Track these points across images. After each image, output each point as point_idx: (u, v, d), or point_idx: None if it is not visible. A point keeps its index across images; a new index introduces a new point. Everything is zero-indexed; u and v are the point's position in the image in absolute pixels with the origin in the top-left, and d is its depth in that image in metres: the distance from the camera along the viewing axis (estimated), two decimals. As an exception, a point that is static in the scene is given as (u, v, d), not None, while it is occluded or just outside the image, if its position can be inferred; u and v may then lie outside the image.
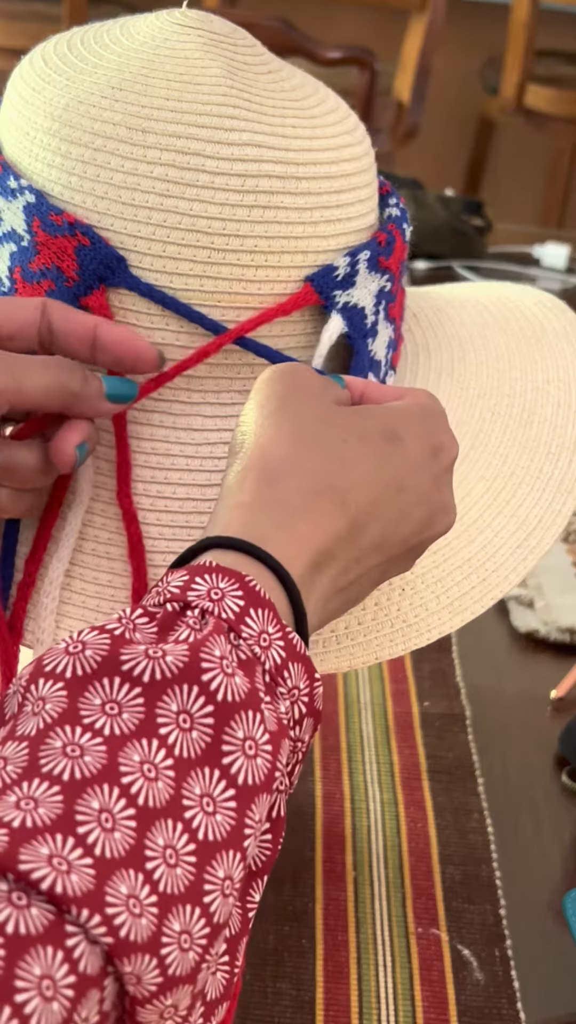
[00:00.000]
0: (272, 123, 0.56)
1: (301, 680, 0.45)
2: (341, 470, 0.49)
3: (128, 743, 0.40)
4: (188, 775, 0.40)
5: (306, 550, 0.48)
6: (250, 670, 0.43)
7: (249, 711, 0.42)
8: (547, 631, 0.98)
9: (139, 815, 0.39)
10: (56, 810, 0.38)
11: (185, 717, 0.41)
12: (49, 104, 0.56)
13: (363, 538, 0.50)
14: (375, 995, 0.69)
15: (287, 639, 0.45)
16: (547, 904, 0.76)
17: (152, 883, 0.38)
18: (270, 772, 0.42)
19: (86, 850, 0.37)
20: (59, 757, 0.39)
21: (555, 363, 0.68)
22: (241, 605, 0.44)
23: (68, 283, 0.55)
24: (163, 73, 0.56)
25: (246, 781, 0.41)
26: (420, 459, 0.52)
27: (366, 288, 0.58)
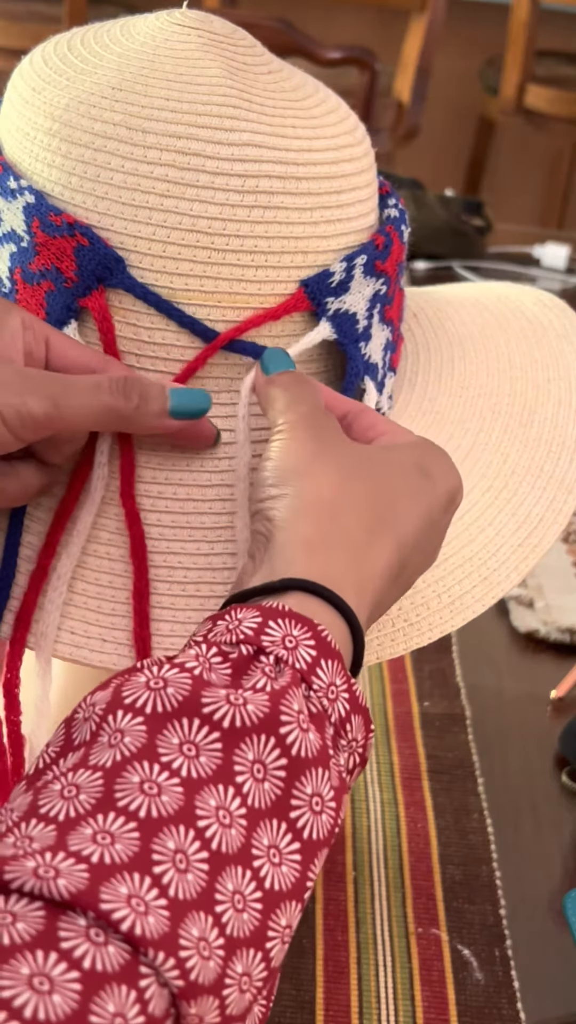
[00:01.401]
0: (272, 123, 0.56)
1: (360, 732, 0.46)
2: (389, 504, 0.50)
3: (205, 787, 0.40)
4: (258, 825, 0.41)
5: (368, 594, 0.48)
6: (320, 725, 0.44)
7: (319, 768, 0.43)
8: (547, 631, 0.98)
9: (212, 859, 0.39)
10: (133, 848, 0.38)
11: (259, 767, 0.42)
12: (49, 104, 0.56)
13: (404, 574, 0.51)
14: (375, 995, 0.69)
15: (351, 691, 0.45)
16: (547, 904, 0.76)
17: (220, 926, 0.39)
18: (331, 828, 0.43)
19: (161, 891, 0.38)
20: (136, 793, 0.39)
21: (556, 362, 0.68)
22: (313, 656, 0.44)
23: (67, 284, 0.55)
24: (163, 73, 0.56)
25: (311, 836, 0.42)
26: (444, 497, 0.52)
27: (360, 293, 0.58)
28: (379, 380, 0.60)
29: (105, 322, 0.55)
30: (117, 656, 0.56)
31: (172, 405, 0.53)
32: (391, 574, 0.49)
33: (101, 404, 0.51)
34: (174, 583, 0.57)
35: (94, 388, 0.51)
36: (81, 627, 0.56)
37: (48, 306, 0.56)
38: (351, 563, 0.48)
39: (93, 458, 0.56)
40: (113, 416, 0.52)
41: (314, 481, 0.49)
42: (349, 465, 0.50)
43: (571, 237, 1.75)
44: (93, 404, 0.51)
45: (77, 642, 0.56)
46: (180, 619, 0.56)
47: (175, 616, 0.56)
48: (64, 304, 0.55)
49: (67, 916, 0.37)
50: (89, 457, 0.56)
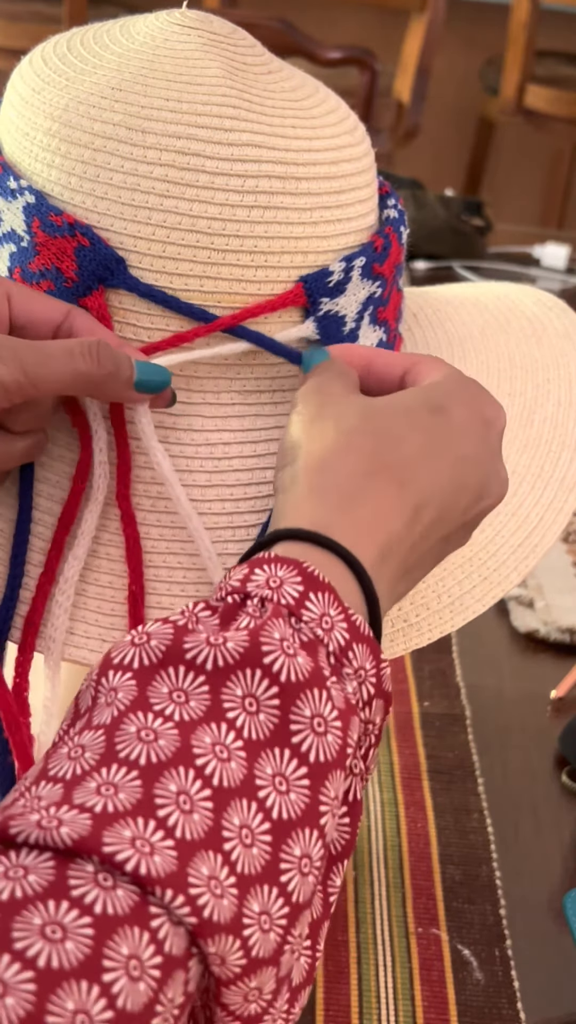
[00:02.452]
0: (272, 123, 0.56)
1: (367, 661, 0.45)
2: (392, 448, 0.49)
3: (199, 727, 0.40)
4: (259, 756, 0.41)
5: (372, 533, 0.48)
6: (313, 651, 0.43)
7: (315, 689, 0.42)
8: (547, 631, 0.98)
9: (215, 796, 0.39)
10: (136, 794, 0.38)
11: (251, 700, 0.42)
12: (49, 104, 0.56)
13: (425, 514, 0.49)
14: (375, 995, 0.69)
15: (350, 621, 0.45)
16: (547, 904, 0.76)
17: (230, 864, 0.39)
18: (341, 748, 0.42)
19: (167, 832, 0.38)
20: (135, 742, 0.40)
21: (555, 362, 0.68)
22: (300, 591, 0.44)
23: (67, 284, 0.55)
24: (163, 73, 0.56)
25: (317, 758, 0.42)
26: (469, 427, 0.51)
27: (354, 296, 0.58)
28: None
29: (104, 321, 0.55)
30: None
31: (136, 377, 0.53)
32: (402, 517, 0.48)
33: (74, 370, 0.51)
34: (174, 583, 0.57)
35: (67, 355, 0.51)
36: (82, 628, 0.56)
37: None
38: (343, 509, 0.47)
39: (92, 457, 0.56)
40: (84, 381, 0.51)
41: (309, 445, 0.49)
42: (348, 421, 0.50)
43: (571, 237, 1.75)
44: (66, 371, 0.50)
45: (78, 643, 0.56)
46: None
47: None
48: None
49: (75, 864, 0.37)
50: (87, 457, 0.56)
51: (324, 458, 0.49)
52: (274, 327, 0.57)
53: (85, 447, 0.56)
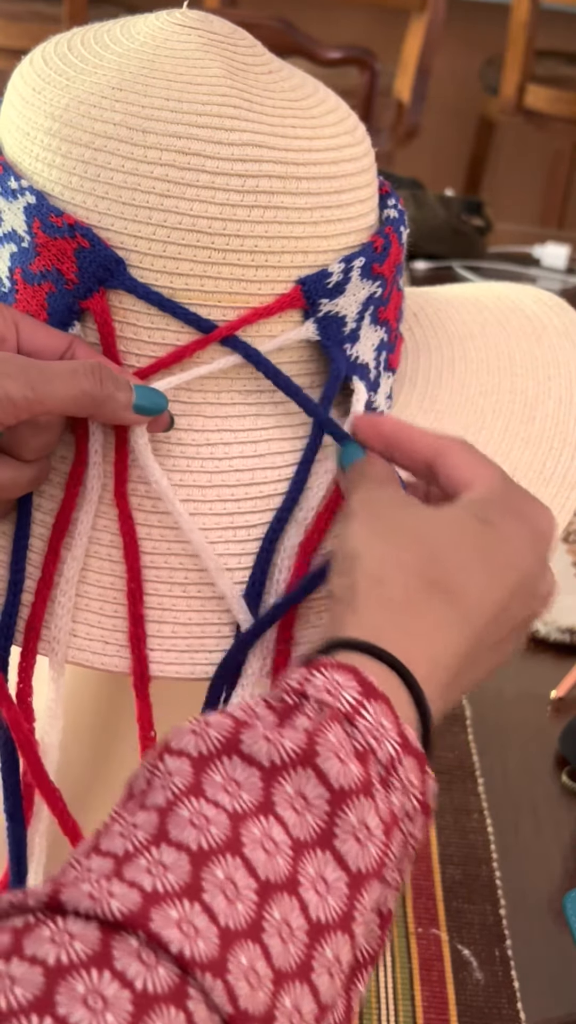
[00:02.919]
0: (272, 123, 0.56)
1: (414, 775, 0.45)
2: (443, 563, 0.50)
3: (250, 819, 0.41)
4: (303, 855, 0.41)
5: (426, 650, 0.48)
6: (364, 760, 0.44)
7: (362, 798, 0.43)
8: (547, 631, 0.98)
9: (260, 889, 0.40)
10: (185, 877, 0.39)
11: (301, 799, 0.42)
12: (49, 104, 0.56)
13: (477, 624, 0.50)
14: (375, 995, 0.69)
15: (402, 733, 0.45)
16: (547, 904, 0.76)
17: (268, 957, 0.39)
18: (380, 859, 0.43)
19: (211, 918, 0.38)
20: (186, 827, 0.40)
21: (555, 359, 0.68)
22: (357, 698, 0.45)
23: (68, 286, 0.55)
24: (163, 73, 0.56)
25: (358, 867, 0.42)
26: (518, 537, 0.52)
27: (354, 296, 0.58)
28: (371, 380, 0.60)
29: (106, 325, 0.55)
30: (118, 658, 0.56)
31: (136, 401, 0.54)
32: (451, 627, 0.49)
33: (79, 389, 0.52)
34: (175, 584, 0.57)
35: (71, 373, 0.52)
36: (85, 630, 0.56)
37: (50, 307, 0.56)
38: (397, 623, 0.48)
39: (87, 458, 0.56)
40: (88, 401, 0.52)
41: (364, 557, 0.50)
42: (399, 536, 0.51)
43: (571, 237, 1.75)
44: (71, 389, 0.52)
45: (81, 645, 0.56)
46: (181, 620, 0.56)
47: (176, 618, 0.56)
48: (66, 306, 0.55)
49: (119, 936, 0.37)
50: (83, 457, 0.56)
51: (379, 574, 0.49)
52: (274, 328, 0.57)
53: (81, 449, 0.56)
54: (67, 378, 0.52)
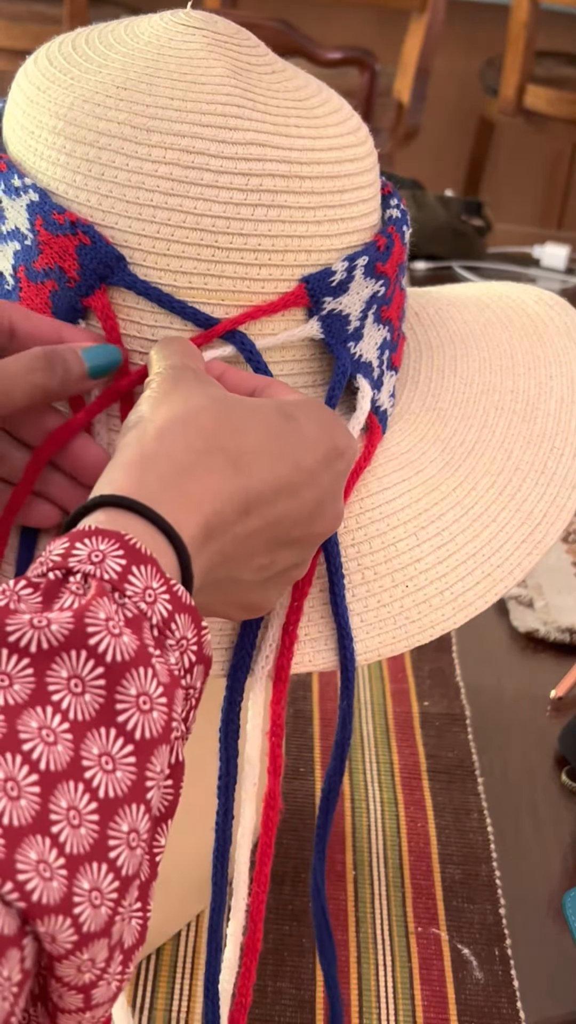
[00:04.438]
0: (276, 123, 0.56)
1: (189, 630, 0.45)
2: (233, 433, 0.49)
3: (24, 711, 0.40)
4: (85, 736, 0.41)
5: (196, 509, 0.48)
6: (137, 627, 0.43)
7: (140, 668, 0.42)
8: (547, 631, 0.98)
9: (42, 780, 0.39)
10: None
11: (76, 681, 0.41)
12: (54, 103, 0.56)
13: (255, 507, 0.50)
14: (375, 995, 0.70)
15: (172, 592, 0.45)
16: (547, 904, 0.76)
17: (59, 846, 0.39)
18: (167, 724, 0.43)
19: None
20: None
21: (557, 359, 0.68)
22: (123, 564, 0.44)
23: (70, 284, 0.55)
24: (167, 73, 0.56)
25: (143, 735, 0.42)
26: (317, 445, 0.52)
27: (357, 295, 0.58)
28: (375, 378, 0.61)
29: (109, 320, 0.55)
30: None
31: (88, 365, 0.54)
32: (232, 500, 0.49)
33: (31, 384, 0.52)
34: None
35: (25, 371, 0.52)
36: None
37: (53, 306, 0.56)
38: (170, 481, 0.47)
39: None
40: (42, 393, 0.52)
41: (155, 413, 0.49)
42: (196, 399, 0.50)
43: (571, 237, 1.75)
44: (23, 386, 0.52)
45: None
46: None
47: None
48: (69, 304, 0.56)
49: None
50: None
51: (163, 428, 0.49)
52: (277, 327, 0.57)
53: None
54: (20, 376, 0.52)
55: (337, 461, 0.53)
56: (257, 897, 0.56)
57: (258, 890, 0.56)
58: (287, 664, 0.57)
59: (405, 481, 0.60)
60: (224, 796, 0.57)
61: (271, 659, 0.57)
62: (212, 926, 0.57)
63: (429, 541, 0.60)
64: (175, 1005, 0.68)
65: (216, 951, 0.58)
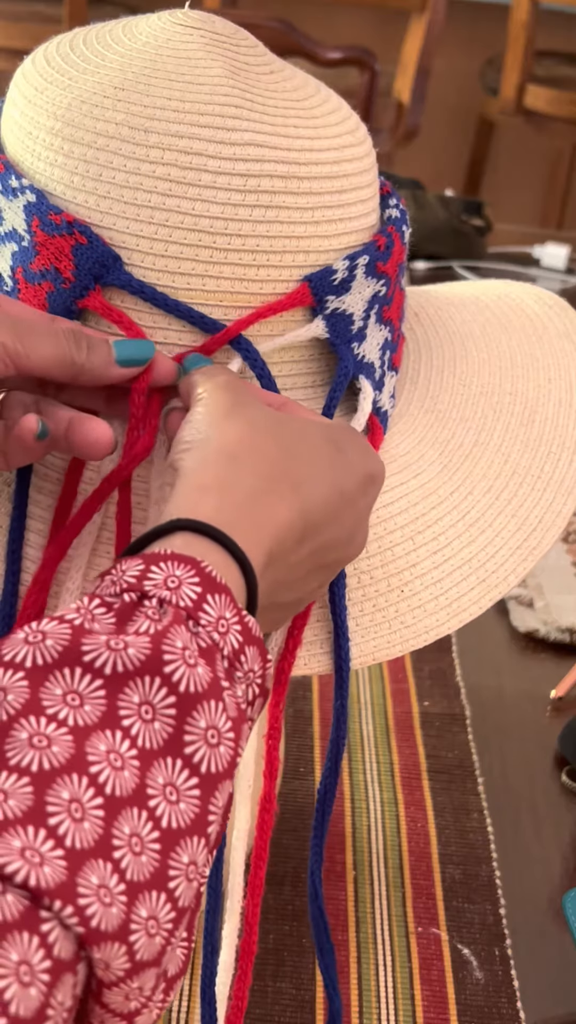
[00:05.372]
0: (274, 123, 0.56)
1: (256, 663, 0.45)
2: (295, 462, 0.50)
3: (93, 733, 0.40)
4: (152, 765, 0.41)
5: (264, 537, 0.48)
6: (211, 658, 0.43)
7: (211, 701, 0.42)
8: (547, 631, 0.98)
9: (107, 804, 0.39)
10: (27, 802, 0.38)
11: (147, 708, 0.41)
12: (52, 103, 0.56)
13: (311, 535, 0.50)
14: (375, 995, 0.69)
15: (244, 623, 0.45)
16: (547, 904, 0.76)
17: (120, 872, 0.39)
18: (232, 759, 0.43)
19: (57, 841, 0.38)
20: (26, 748, 0.39)
21: (556, 361, 0.68)
22: (198, 592, 0.44)
23: (65, 284, 0.55)
24: (165, 73, 0.56)
25: (209, 769, 0.42)
26: (358, 472, 0.52)
27: (359, 294, 0.58)
28: (376, 379, 0.60)
29: (112, 314, 0.55)
30: None
31: (117, 354, 0.53)
32: (292, 528, 0.49)
33: (60, 349, 0.52)
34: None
35: (53, 334, 0.52)
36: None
37: (50, 307, 0.56)
38: (244, 508, 0.48)
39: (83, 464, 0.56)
40: (68, 364, 0.52)
41: (222, 432, 0.49)
42: (261, 423, 0.50)
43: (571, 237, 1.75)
44: (52, 348, 0.52)
45: None
46: None
47: None
48: (64, 306, 0.55)
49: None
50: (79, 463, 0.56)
51: (236, 452, 0.49)
52: (275, 328, 0.57)
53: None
54: (50, 337, 0.52)
55: (371, 487, 0.53)
56: (252, 900, 0.56)
57: (253, 893, 0.56)
58: (288, 668, 0.57)
59: (403, 485, 0.60)
60: None
61: (272, 662, 0.57)
62: (207, 929, 0.57)
63: (425, 546, 0.60)
64: (175, 1005, 0.68)
65: (212, 954, 0.58)
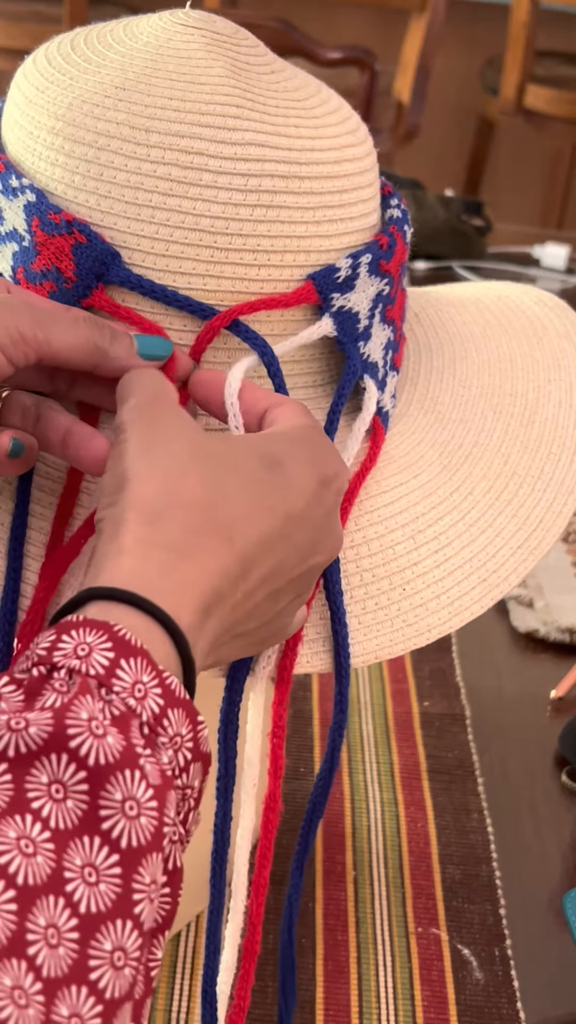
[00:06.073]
0: (275, 123, 0.56)
1: (183, 726, 0.43)
2: (222, 504, 0.47)
3: (1, 820, 0.38)
4: (67, 846, 0.39)
5: (195, 594, 0.45)
6: (124, 726, 0.41)
7: (126, 770, 0.40)
8: (547, 631, 0.98)
9: (19, 896, 0.37)
10: None
11: (58, 787, 0.39)
12: (53, 103, 0.56)
13: (252, 573, 0.48)
14: (375, 995, 0.69)
15: (164, 685, 0.42)
16: (547, 904, 0.76)
17: (35, 969, 0.36)
18: (157, 829, 0.40)
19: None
20: None
21: (556, 362, 0.68)
22: (111, 658, 0.42)
23: (67, 284, 0.55)
24: (166, 73, 0.56)
25: (130, 843, 0.40)
26: (304, 484, 0.50)
27: (364, 292, 0.58)
28: (380, 379, 0.60)
29: (119, 311, 0.55)
30: None
31: (139, 347, 0.53)
32: (227, 574, 0.46)
33: (84, 335, 0.51)
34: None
35: (74, 321, 0.52)
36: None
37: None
38: (167, 567, 0.45)
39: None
40: (92, 349, 0.52)
41: (138, 485, 0.46)
42: (179, 463, 0.47)
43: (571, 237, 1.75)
44: (77, 335, 0.51)
45: None
46: None
47: None
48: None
49: None
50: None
51: (156, 509, 0.46)
52: (276, 327, 0.57)
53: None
54: (72, 324, 0.51)
55: (326, 494, 0.51)
56: (256, 900, 0.56)
57: (257, 893, 0.56)
58: (290, 665, 0.57)
59: (403, 485, 0.60)
60: (223, 797, 0.56)
61: (273, 660, 0.56)
62: (210, 929, 0.57)
63: (426, 545, 0.60)
64: (175, 1005, 0.68)
65: (214, 953, 0.57)
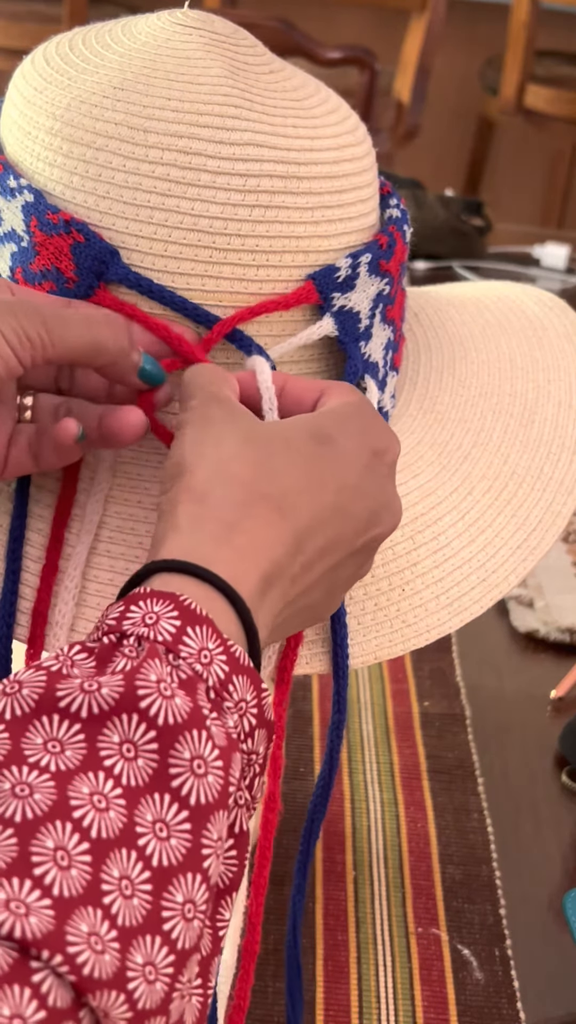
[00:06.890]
0: (274, 123, 0.56)
1: (248, 692, 0.44)
2: (270, 479, 0.49)
3: (75, 777, 0.40)
4: (139, 803, 0.40)
5: (252, 564, 0.47)
6: (191, 689, 0.43)
7: (193, 730, 0.42)
8: (547, 631, 0.98)
9: (93, 848, 0.39)
10: (11, 853, 0.38)
11: (129, 746, 0.41)
12: (51, 103, 0.56)
13: (308, 545, 0.49)
14: (375, 995, 0.69)
15: (229, 653, 0.44)
16: (547, 904, 0.76)
17: (111, 917, 0.38)
18: (223, 788, 0.42)
19: (44, 891, 0.37)
20: (9, 799, 0.39)
21: (556, 362, 0.68)
22: (177, 626, 0.43)
23: (68, 284, 0.55)
24: (165, 73, 0.56)
25: (199, 801, 0.41)
26: (356, 457, 0.51)
27: (364, 292, 0.58)
28: (380, 379, 0.60)
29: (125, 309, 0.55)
30: None
31: (142, 365, 0.53)
32: (283, 544, 0.48)
33: (92, 336, 0.51)
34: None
35: (85, 320, 0.52)
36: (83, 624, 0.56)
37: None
38: (221, 538, 0.47)
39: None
40: (99, 350, 0.52)
41: (190, 472, 0.49)
42: (229, 449, 0.49)
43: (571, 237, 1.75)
44: (84, 336, 0.51)
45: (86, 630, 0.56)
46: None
47: None
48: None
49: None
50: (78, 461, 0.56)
51: (202, 488, 0.48)
52: (275, 327, 0.57)
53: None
54: (81, 325, 0.51)
55: (379, 465, 0.52)
56: (256, 900, 0.56)
57: (256, 893, 0.56)
58: (290, 666, 0.57)
59: (402, 485, 0.60)
60: None
61: (274, 660, 0.57)
62: None
63: (426, 545, 0.60)
64: (175, 1006, 0.68)
65: None
